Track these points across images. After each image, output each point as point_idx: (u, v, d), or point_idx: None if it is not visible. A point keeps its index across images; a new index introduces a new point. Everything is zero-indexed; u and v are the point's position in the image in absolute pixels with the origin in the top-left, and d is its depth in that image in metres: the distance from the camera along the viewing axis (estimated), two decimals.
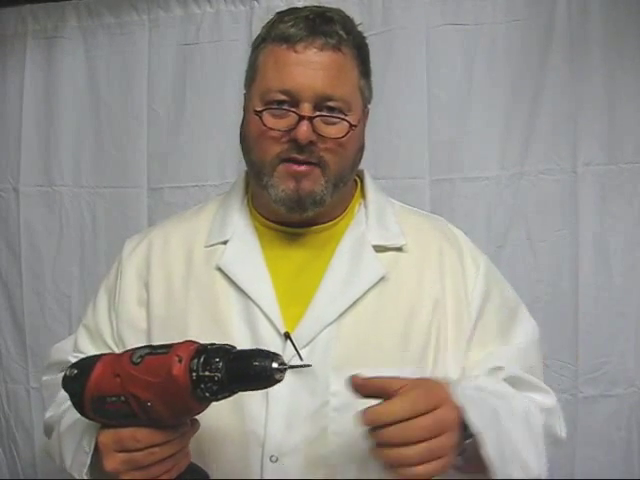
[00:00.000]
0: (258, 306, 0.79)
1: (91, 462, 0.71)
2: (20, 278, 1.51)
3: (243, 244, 0.85)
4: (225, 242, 0.85)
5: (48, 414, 0.86)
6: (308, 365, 0.62)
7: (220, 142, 1.40)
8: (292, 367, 0.60)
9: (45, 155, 1.51)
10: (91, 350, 0.87)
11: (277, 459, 0.75)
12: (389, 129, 1.36)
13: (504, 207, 1.35)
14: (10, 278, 1.52)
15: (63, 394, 0.81)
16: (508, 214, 1.35)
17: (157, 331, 0.83)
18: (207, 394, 0.60)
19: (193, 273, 0.84)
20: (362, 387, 0.64)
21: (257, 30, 0.86)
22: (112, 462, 0.65)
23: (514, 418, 0.74)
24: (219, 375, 0.59)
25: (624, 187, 1.33)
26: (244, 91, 0.88)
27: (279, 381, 0.60)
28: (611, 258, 1.33)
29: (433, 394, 0.65)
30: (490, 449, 0.67)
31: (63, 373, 0.87)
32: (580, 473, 1.32)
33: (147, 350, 0.64)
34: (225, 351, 0.61)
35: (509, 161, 1.35)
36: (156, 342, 0.81)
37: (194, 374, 0.59)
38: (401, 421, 0.61)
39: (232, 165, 1.38)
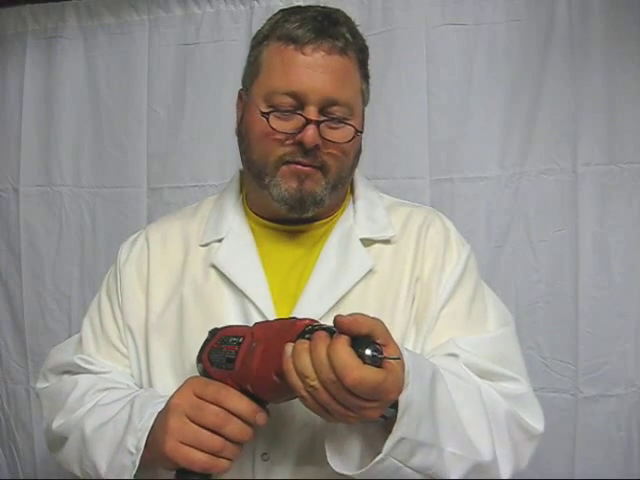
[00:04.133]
0: (252, 303, 0.79)
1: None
2: (20, 278, 1.51)
3: (238, 242, 0.85)
4: (220, 240, 0.85)
5: (57, 423, 0.82)
6: (398, 358, 0.59)
7: (220, 142, 1.41)
8: (386, 358, 0.58)
9: (45, 155, 1.51)
10: (93, 351, 0.87)
11: (268, 457, 0.75)
12: (389, 129, 1.36)
13: (504, 207, 1.35)
14: (10, 278, 1.52)
15: (73, 400, 0.81)
16: (508, 214, 1.35)
17: (153, 327, 0.83)
18: None
19: (189, 271, 0.85)
20: (349, 328, 0.59)
21: (257, 30, 0.86)
22: (177, 419, 0.66)
23: (462, 392, 0.71)
24: None
25: (624, 187, 1.32)
26: (240, 87, 0.87)
27: None
28: (611, 258, 1.33)
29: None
30: (406, 398, 0.61)
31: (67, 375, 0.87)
32: (580, 473, 1.32)
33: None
34: (330, 332, 0.60)
35: (509, 161, 1.35)
36: (152, 336, 0.83)
37: (303, 338, 0.61)
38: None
39: (232, 165, 1.38)
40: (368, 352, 0.57)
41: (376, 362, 0.57)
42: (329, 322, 0.63)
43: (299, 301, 0.79)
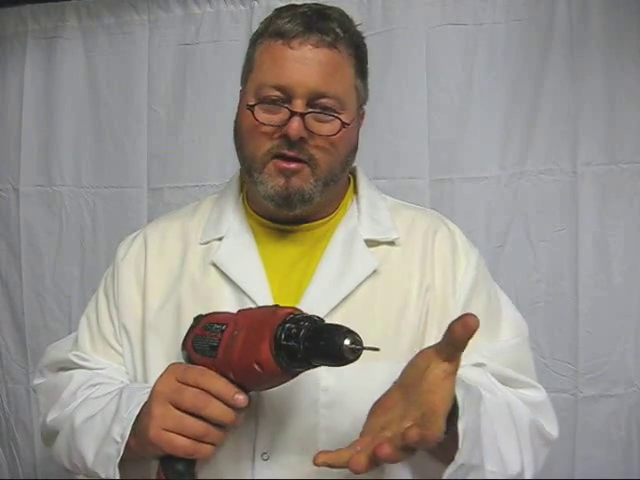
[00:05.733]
0: (252, 301, 0.79)
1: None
2: (20, 278, 1.51)
3: (238, 240, 0.85)
4: (220, 239, 0.85)
5: (50, 417, 0.82)
6: (376, 349, 0.58)
7: (220, 142, 1.40)
8: (364, 348, 0.57)
9: (45, 155, 1.51)
10: (89, 349, 0.87)
11: (268, 457, 0.75)
12: (389, 129, 1.36)
13: (504, 207, 1.35)
14: (10, 278, 1.53)
15: (67, 394, 0.82)
16: (508, 214, 1.35)
17: (150, 325, 0.83)
18: (284, 342, 0.60)
19: (188, 269, 0.84)
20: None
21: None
22: (160, 406, 0.66)
23: (496, 408, 0.72)
24: (297, 343, 0.60)
25: (624, 187, 1.33)
26: (240, 87, 0.88)
27: (352, 360, 0.57)
28: (611, 258, 1.33)
29: None
30: (464, 424, 0.61)
31: (63, 371, 0.88)
32: (580, 473, 1.32)
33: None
34: (311, 322, 0.61)
35: (509, 161, 1.35)
36: (149, 334, 0.82)
37: (284, 327, 0.61)
38: None
39: (232, 165, 1.36)
40: (347, 342, 0.56)
41: (355, 352, 0.57)
42: (331, 321, 0.63)
43: (302, 300, 0.79)
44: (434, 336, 0.80)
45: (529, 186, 1.35)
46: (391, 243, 0.85)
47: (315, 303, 0.78)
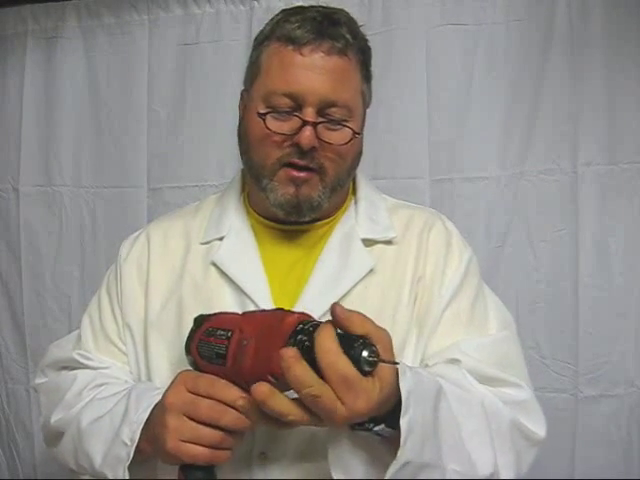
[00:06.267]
0: (252, 301, 0.79)
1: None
2: (20, 278, 1.51)
3: (239, 240, 0.85)
4: (221, 238, 0.86)
5: (55, 417, 0.82)
6: (397, 363, 0.58)
7: (220, 142, 1.41)
8: (383, 361, 0.57)
9: (45, 155, 1.51)
10: (92, 347, 0.87)
11: (266, 457, 0.75)
12: (389, 129, 1.36)
13: (504, 207, 1.35)
14: (10, 278, 1.53)
15: (72, 395, 0.82)
16: (508, 214, 1.35)
17: (152, 325, 0.83)
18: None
19: (189, 268, 0.85)
20: (338, 322, 0.59)
21: (257, 30, 0.86)
22: (174, 418, 0.66)
23: (465, 406, 0.71)
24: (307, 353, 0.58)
25: (624, 187, 1.33)
26: (242, 87, 0.88)
27: (369, 372, 0.57)
28: (611, 258, 1.33)
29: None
30: (408, 422, 0.60)
31: (67, 370, 0.88)
32: (580, 473, 1.32)
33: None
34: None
35: (509, 161, 1.35)
36: (151, 334, 0.83)
37: (296, 339, 0.60)
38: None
39: (232, 165, 1.38)
40: (365, 354, 0.56)
41: (371, 365, 0.57)
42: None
43: (299, 300, 0.79)
44: (416, 328, 0.81)
45: (529, 186, 1.35)
46: (388, 242, 0.85)
47: (312, 303, 0.78)
